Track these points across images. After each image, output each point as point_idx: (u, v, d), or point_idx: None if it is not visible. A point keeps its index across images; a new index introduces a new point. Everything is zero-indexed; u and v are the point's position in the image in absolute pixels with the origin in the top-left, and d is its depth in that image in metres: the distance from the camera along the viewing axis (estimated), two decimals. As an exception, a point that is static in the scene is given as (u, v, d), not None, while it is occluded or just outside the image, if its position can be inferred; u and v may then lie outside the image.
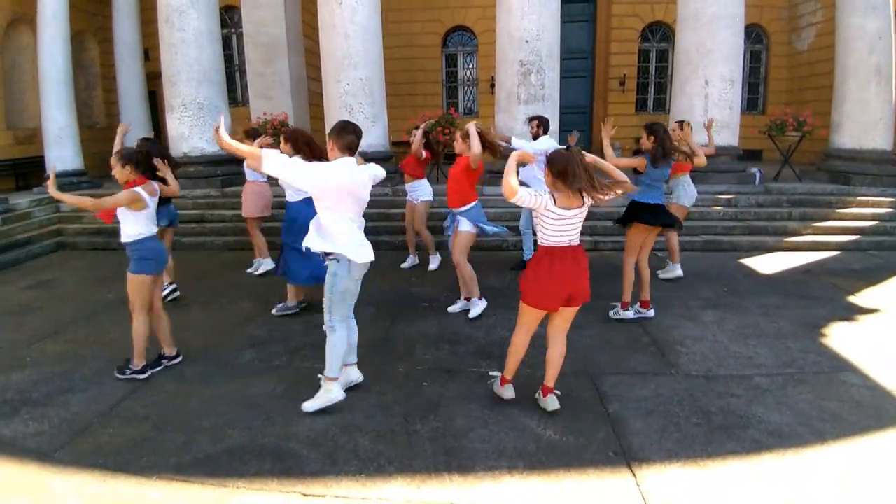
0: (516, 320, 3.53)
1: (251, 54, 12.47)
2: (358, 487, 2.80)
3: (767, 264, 6.92)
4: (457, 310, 5.32)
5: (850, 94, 9.11)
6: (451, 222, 5.29)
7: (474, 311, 5.20)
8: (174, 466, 2.99)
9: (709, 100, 8.76)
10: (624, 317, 5.04)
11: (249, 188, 6.57)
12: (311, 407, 3.52)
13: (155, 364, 4.17)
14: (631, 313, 5.05)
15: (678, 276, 6.31)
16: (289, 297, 5.39)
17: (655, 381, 3.84)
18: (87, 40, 13.92)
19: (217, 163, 9.46)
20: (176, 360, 4.28)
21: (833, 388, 3.74)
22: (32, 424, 3.46)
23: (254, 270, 6.79)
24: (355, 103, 8.82)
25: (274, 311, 5.34)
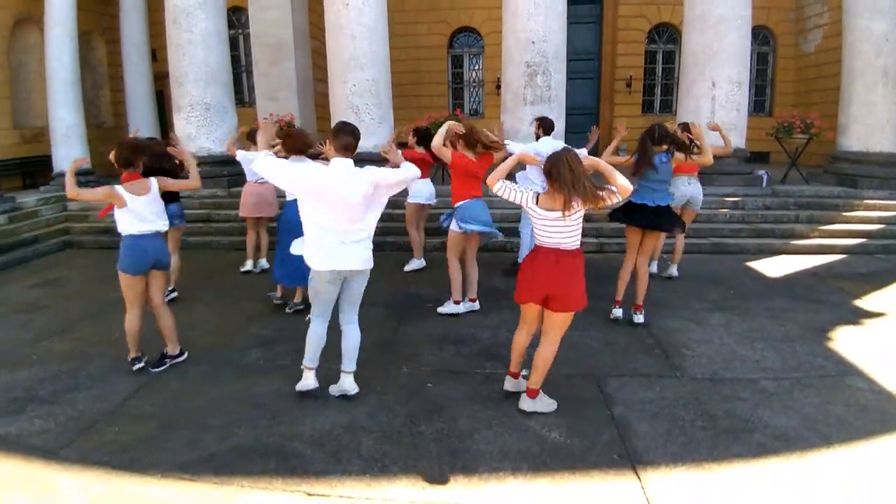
0: None
1: (258, 55, 12.50)
2: (362, 487, 2.80)
3: (774, 267, 6.89)
4: (461, 310, 5.32)
5: (856, 97, 9.07)
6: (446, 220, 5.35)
7: (444, 308, 5.29)
8: (180, 465, 3.00)
9: (716, 101, 8.73)
10: (614, 315, 5.04)
11: (244, 188, 6.62)
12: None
13: (158, 363, 4.18)
14: (619, 312, 5.03)
15: (670, 276, 6.36)
16: (295, 296, 5.45)
17: (661, 384, 3.83)
18: (94, 40, 13.99)
19: (223, 163, 9.48)
20: (180, 359, 4.29)
21: (839, 392, 3.73)
22: (38, 422, 3.47)
23: (248, 269, 6.84)
24: (361, 104, 8.84)
25: (287, 309, 5.42)
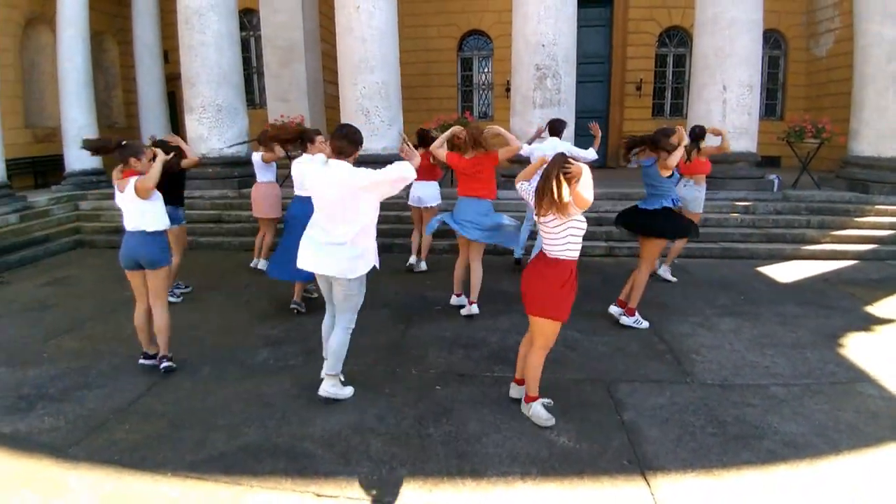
0: None
1: (269, 57, 12.57)
2: (370, 489, 2.80)
3: (785, 272, 6.84)
4: (453, 302, 5.41)
5: (868, 102, 8.99)
6: None
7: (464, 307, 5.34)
8: (189, 464, 3.01)
9: (727, 105, 8.68)
10: (628, 323, 5.01)
11: (254, 189, 6.70)
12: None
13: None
14: (631, 321, 5.00)
15: (663, 278, 6.43)
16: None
17: (671, 390, 3.81)
18: (106, 41, 14.11)
19: (234, 164, 9.54)
20: (163, 365, 4.12)
21: (849, 398, 3.70)
22: (48, 420, 3.49)
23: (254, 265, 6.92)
24: (371, 106, 8.87)
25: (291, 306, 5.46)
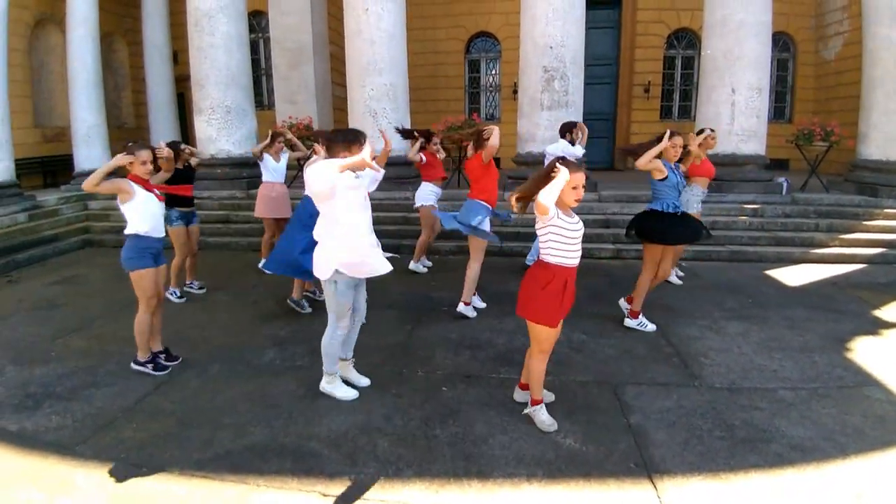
0: None
1: (277, 59, 12.64)
2: (377, 489, 2.80)
3: (793, 276, 6.80)
4: (458, 311, 5.37)
5: (877, 105, 8.94)
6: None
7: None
8: (196, 462, 3.02)
9: (735, 108, 8.65)
10: (632, 326, 5.00)
11: (260, 189, 6.70)
12: None
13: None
14: (635, 323, 4.99)
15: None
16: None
17: (678, 393, 3.79)
18: (116, 41, 14.21)
19: (242, 165, 9.59)
20: (172, 361, 4.26)
21: (857, 402, 3.67)
22: (55, 418, 3.50)
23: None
24: (379, 108, 8.90)
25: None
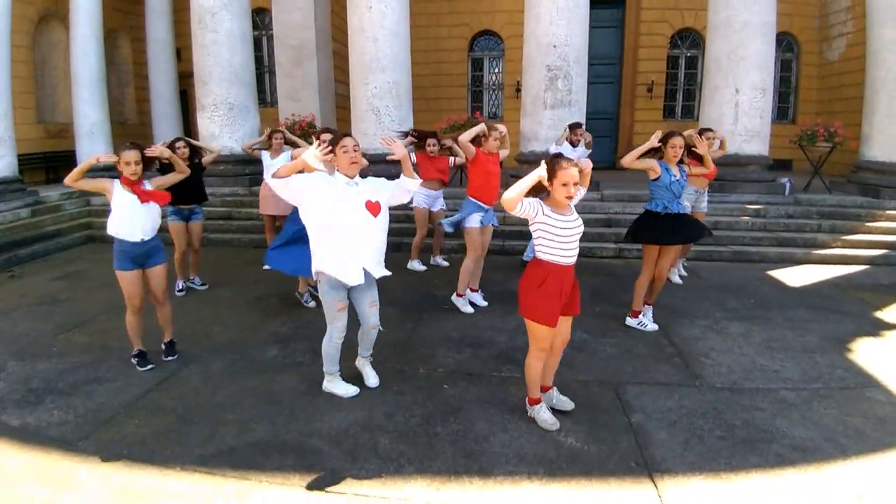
0: None
1: (280, 56, 12.63)
2: (378, 486, 2.81)
3: (795, 277, 6.80)
4: (470, 310, 5.39)
5: (880, 106, 8.92)
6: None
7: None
8: (198, 458, 3.03)
9: (739, 108, 8.65)
10: (632, 325, 5.01)
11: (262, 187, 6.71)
12: None
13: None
14: (635, 322, 5.00)
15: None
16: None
17: (679, 393, 3.79)
18: (119, 38, 14.23)
19: (245, 162, 9.57)
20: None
21: (858, 403, 3.67)
22: (57, 413, 3.50)
23: None
24: (382, 106, 8.89)
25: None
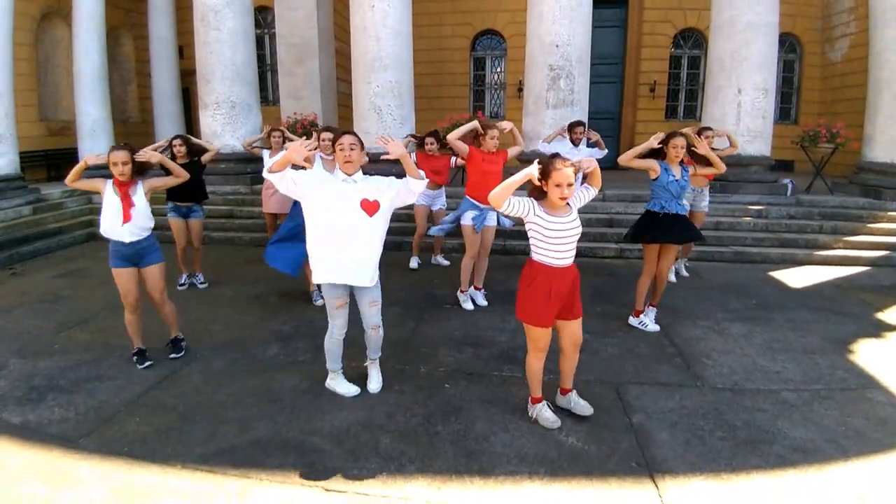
0: None
1: (283, 54, 12.63)
2: (379, 485, 2.81)
3: (797, 278, 6.79)
4: (470, 306, 5.42)
5: (883, 107, 8.90)
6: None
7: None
8: (199, 456, 3.03)
9: (742, 108, 8.64)
10: (633, 324, 5.02)
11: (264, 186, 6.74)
12: None
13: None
14: (636, 321, 5.01)
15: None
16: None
17: (680, 393, 3.79)
18: (122, 36, 14.24)
19: (247, 160, 9.58)
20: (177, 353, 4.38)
21: (859, 404, 3.67)
22: (58, 411, 3.51)
23: None
24: (384, 105, 8.89)
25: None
